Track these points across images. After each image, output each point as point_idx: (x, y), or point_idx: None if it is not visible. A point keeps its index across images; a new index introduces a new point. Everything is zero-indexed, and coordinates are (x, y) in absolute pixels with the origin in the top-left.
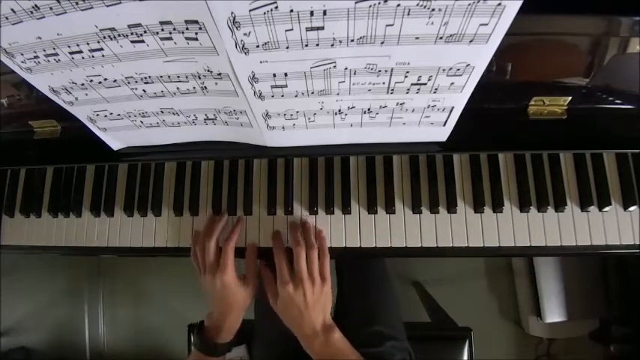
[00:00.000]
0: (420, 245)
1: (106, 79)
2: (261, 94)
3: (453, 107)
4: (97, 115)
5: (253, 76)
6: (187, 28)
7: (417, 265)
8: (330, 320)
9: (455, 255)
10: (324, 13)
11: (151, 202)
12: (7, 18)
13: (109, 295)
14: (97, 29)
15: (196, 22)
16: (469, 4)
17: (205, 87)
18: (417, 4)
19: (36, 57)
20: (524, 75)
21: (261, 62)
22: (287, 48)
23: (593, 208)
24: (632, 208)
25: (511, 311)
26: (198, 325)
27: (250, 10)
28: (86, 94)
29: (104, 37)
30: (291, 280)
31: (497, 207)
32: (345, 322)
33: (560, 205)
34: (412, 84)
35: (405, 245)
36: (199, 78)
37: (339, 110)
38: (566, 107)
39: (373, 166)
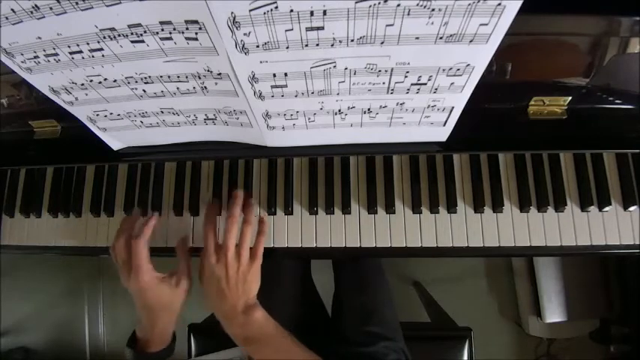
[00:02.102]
0: (420, 245)
1: (106, 79)
2: (261, 94)
3: (453, 107)
4: (97, 115)
5: (253, 76)
6: (187, 28)
7: (417, 265)
8: (254, 301)
9: (455, 255)
10: (324, 13)
11: (151, 202)
12: (7, 18)
13: (109, 295)
14: (97, 29)
15: (196, 22)
16: (469, 4)
17: (205, 87)
18: (417, 4)
19: (36, 57)
20: (524, 75)
21: (261, 62)
22: (287, 48)
23: (593, 208)
24: (632, 208)
25: (511, 311)
26: (129, 338)
27: (250, 10)
28: (86, 94)
29: (104, 37)
30: (214, 253)
31: (497, 207)
32: (340, 321)
33: (560, 205)
34: (412, 84)
35: (405, 245)
36: (199, 78)
37: (339, 110)
38: (566, 107)
39: (373, 166)
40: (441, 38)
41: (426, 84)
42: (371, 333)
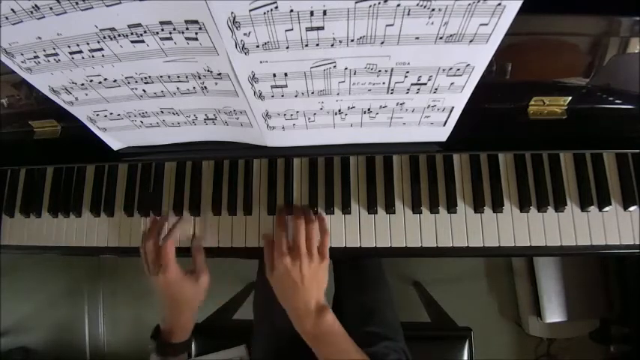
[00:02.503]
0: (420, 245)
1: (106, 79)
2: (261, 94)
3: (453, 107)
4: (97, 115)
5: (253, 76)
6: (187, 28)
7: (417, 265)
8: (325, 301)
9: (455, 255)
10: (324, 13)
11: (151, 202)
12: (7, 18)
13: (109, 295)
14: (97, 29)
15: (196, 22)
16: (469, 4)
17: (205, 87)
18: (417, 4)
19: (36, 57)
20: (525, 75)
21: (261, 62)
22: (287, 48)
23: (593, 208)
24: (632, 208)
25: (511, 311)
26: (154, 330)
27: (250, 10)
28: (86, 94)
29: (104, 37)
30: (288, 252)
31: (497, 207)
32: (340, 320)
33: (560, 205)
34: (412, 84)
35: (405, 245)
36: (199, 78)
37: (339, 110)
38: (566, 107)
39: (373, 166)
40: (441, 38)
41: (426, 84)
42: (371, 333)
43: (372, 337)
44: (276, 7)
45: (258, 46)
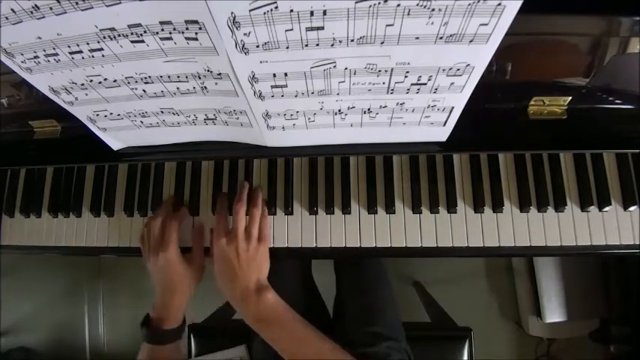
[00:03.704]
0: (420, 245)
1: (106, 79)
2: (261, 94)
3: (453, 107)
4: (97, 115)
5: (253, 76)
6: (187, 28)
7: (417, 265)
8: (266, 282)
9: (455, 255)
10: (324, 13)
11: (151, 202)
12: (7, 18)
13: (109, 295)
14: (97, 29)
15: (196, 22)
16: (469, 4)
17: (205, 87)
18: (417, 4)
19: (36, 57)
20: (525, 75)
21: (261, 62)
22: (287, 48)
23: (593, 208)
24: (632, 208)
25: (511, 311)
26: (144, 318)
27: (250, 10)
28: (86, 94)
29: (104, 37)
30: (225, 234)
31: (497, 207)
32: (342, 321)
33: (560, 205)
34: (412, 84)
35: (405, 245)
36: (199, 78)
37: (339, 110)
38: (566, 107)
39: (373, 166)
40: (441, 38)
41: (426, 84)
42: (373, 333)
43: (373, 337)
44: (276, 7)
45: (258, 46)
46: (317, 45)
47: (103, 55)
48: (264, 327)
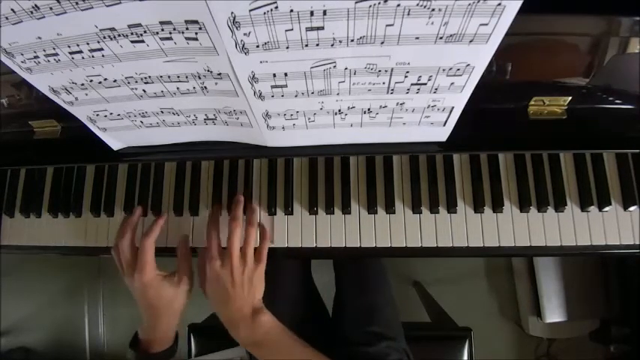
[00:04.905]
0: (420, 245)
1: (106, 79)
2: (261, 94)
3: (453, 107)
4: (97, 115)
5: (253, 76)
6: (187, 28)
7: (417, 265)
8: (261, 304)
9: (455, 255)
10: (324, 13)
11: (151, 202)
12: (7, 18)
13: (109, 295)
14: (97, 29)
15: (196, 22)
16: (469, 4)
17: (205, 87)
18: (417, 4)
19: (36, 57)
20: (524, 75)
21: (261, 62)
22: (287, 48)
23: (593, 208)
24: (632, 208)
25: (511, 311)
26: (132, 338)
27: (250, 10)
28: (86, 94)
29: (104, 37)
30: (219, 256)
31: (497, 207)
32: (341, 321)
33: (560, 205)
34: (412, 84)
35: (405, 245)
36: (199, 78)
37: (339, 110)
38: (566, 107)
39: (373, 166)
40: (441, 38)
41: (426, 84)
42: (372, 333)
43: (372, 337)
44: (276, 7)
45: (258, 46)
46: (317, 45)
47: (103, 55)
48: (259, 350)
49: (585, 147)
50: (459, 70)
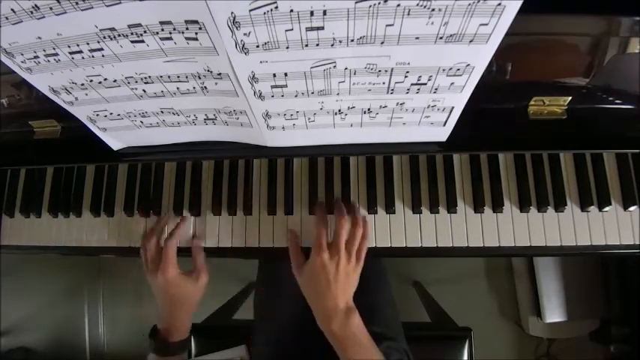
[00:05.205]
0: (420, 245)
1: (106, 79)
2: (261, 94)
3: (453, 107)
4: (97, 115)
5: (253, 76)
6: (187, 28)
7: (417, 265)
8: (352, 303)
9: (455, 255)
10: (324, 13)
11: (151, 202)
12: (7, 18)
13: (109, 295)
14: (97, 29)
15: (196, 22)
16: (469, 4)
17: (205, 87)
18: (417, 4)
19: (36, 57)
20: (524, 75)
21: (261, 62)
22: (287, 48)
23: (593, 208)
24: (632, 208)
25: (511, 311)
26: (152, 329)
27: (250, 10)
28: (86, 94)
29: (104, 37)
30: (327, 247)
31: (497, 207)
32: None
33: (560, 205)
34: (412, 84)
35: (405, 245)
36: (199, 78)
37: (339, 110)
38: (566, 107)
39: (373, 166)
40: (441, 38)
41: (426, 84)
42: (372, 333)
43: (374, 337)
44: (276, 7)
45: (258, 46)
46: (317, 45)
47: (103, 55)
48: (343, 346)
49: (585, 147)
50: (459, 70)
